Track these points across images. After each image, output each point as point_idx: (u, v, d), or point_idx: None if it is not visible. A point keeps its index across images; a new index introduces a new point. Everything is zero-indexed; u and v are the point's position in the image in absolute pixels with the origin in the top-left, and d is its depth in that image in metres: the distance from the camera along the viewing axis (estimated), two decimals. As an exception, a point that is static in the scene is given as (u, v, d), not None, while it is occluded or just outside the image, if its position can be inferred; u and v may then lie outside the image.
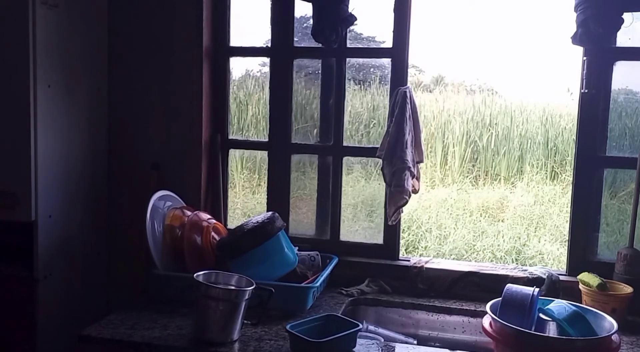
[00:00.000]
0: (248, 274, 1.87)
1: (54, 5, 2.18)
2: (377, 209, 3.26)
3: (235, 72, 6.24)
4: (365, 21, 2.44)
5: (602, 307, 1.92)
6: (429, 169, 7.11)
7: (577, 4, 2.12)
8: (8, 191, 2.15)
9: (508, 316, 1.72)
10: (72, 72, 2.34)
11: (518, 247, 5.61)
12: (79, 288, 2.44)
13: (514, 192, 6.85)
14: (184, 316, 1.94)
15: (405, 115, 2.26)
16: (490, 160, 7.30)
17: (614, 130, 2.32)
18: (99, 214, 2.56)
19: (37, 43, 2.11)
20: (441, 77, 8.81)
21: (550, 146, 7.18)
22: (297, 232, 2.57)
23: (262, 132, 5.67)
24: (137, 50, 2.54)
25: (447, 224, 6.01)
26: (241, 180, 6.06)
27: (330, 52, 2.44)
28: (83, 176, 2.44)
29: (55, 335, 2.29)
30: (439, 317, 2.21)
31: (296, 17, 2.50)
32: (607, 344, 1.67)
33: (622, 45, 2.23)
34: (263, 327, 1.87)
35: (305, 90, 2.82)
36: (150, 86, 2.54)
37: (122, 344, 1.78)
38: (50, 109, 2.21)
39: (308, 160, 2.67)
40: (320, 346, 1.63)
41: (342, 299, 2.21)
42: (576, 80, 2.26)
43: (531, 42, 9.78)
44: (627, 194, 2.37)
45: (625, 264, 2.12)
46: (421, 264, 2.37)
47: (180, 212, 2.26)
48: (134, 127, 2.57)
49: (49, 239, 2.24)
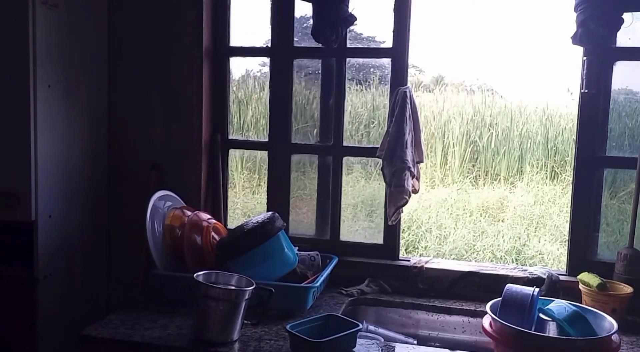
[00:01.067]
0: (248, 274, 1.87)
1: (54, 5, 2.18)
2: (377, 209, 3.27)
3: (235, 72, 6.25)
4: (365, 21, 2.44)
5: (602, 307, 1.92)
6: (429, 169, 7.11)
7: (577, 4, 2.12)
8: (8, 191, 2.15)
9: (508, 316, 1.72)
10: (72, 72, 2.33)
11: (518, 247, 5.61)
12: (79, 288, 2.44)
13: (514, 192, 6.85)
14: (184, 316, 1.94)
15: (405, 115, 2.27)
16: (490, 160, 7.30)
17: (614, 130, 2.31)
18: (99, 214, 2.56)
19: (37, 43, 2.11)
20: (441, 77, 8.81)
21: (550, 146, 7.18)
22: (297, 232, 2.57)
23: (262, 132, 5.68)
24: (137, 50, 2.54)
25: (447, 224, 6.01)
26: (241, 180, 6.06)
27: (330, 52, 2.44)
28: (83, 176, 2.44)
29: (55, 335, 2.29)
30: (439, 317, 2.21)
31: (296, 17, 2.50)
32: (607, 344, 1.67)
33: (622, 45, 2.23)
34: (263, 327, 1.87)
35: (305, 90, 2.82)
36: (150, 86, 2.54)
37: (122, 344, 1.78)
38: (50, 109, 2.21)
39: (308, 160, 2.67)
40: (320, 346, 1.63)
41: (342, 299, 2.21)
42: (576, 80, 2.26)
43: (531, 42, 9.79)
44: (627, 194, 2.37)
45: (625, 264, 2.12)
46: (421, 264, 2.37)
47: (180, 212, 2.26)
48: (134, 127, 2.57)
49: (49, 239, 2.24)
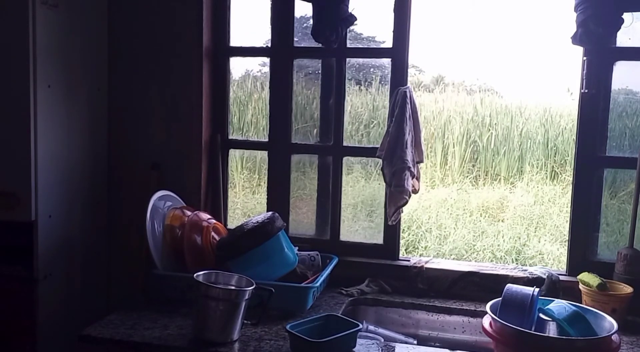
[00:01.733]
0: (248, 274, 1.87)
1: (54, 5, 2.18)
2: (377, 209, 3.27)
3: (235, 72, 6.25)
4: (365, 21, 2.44)
5: (602, 307, 1.92)
6: (429, 169, 7.11)
7: (577, 4, 2.12)
8: (8, 191, 2.15)
9: (508, 316, 1.72)
10: (72, 72, 2.33)
11: (518, 247, 5.61)
12: (79, 288, 2.44)
13: (514, 192, 6.85)
14: (184, 316, 1.94)
15: (405, 115, 2.27)
16: (490, 160, 7.30)
17: (614, 130, 2.31)
18: (99, 214, 2.56)
19: (37, 43, 2.11)
20: (441, 77, 8.81)
21: (550, 146, 7.18)
22: (297, 232, 2.57)
23: (262, 132, 5.67)
24: (137, 50, 2.54)
25: (447, 224, 6.01)
26: (241, 180, 6.06)
27: (330, 52, 2.44)
28: (83, 176, 2.44)
29: (55, 335, 2.29)
30: (439, 317, 2.21)
31: (296, 17, 2.50)
32: (607, 344, 1.67)
33: (622, 45, 2.23)
34: (263, 327, 1.87)
35: (305, 90, 2.82)
36: (150, 86, 2.54)
37: (122, 344, 1.78)
38: (50, 109, 2.21)
39: (308, 160, 2.67)
40: (320, 346, 1.63)
41: (342, 299, 2.21)
42: (576, 80, 2.26)
43: (531, 42, 9.79)
44: (627, 194, 2.37)
45: (625, 264, 2.12)
46: (421, 264, 2.37)
47: (180, 212, 2.26)
48: (134, 127, 2.57)
49: (49, 239, 2.24)
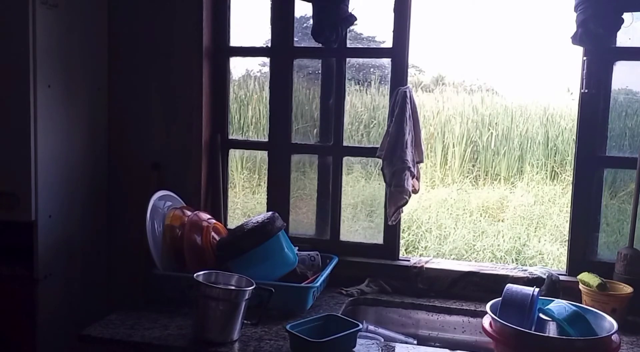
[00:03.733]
0: (248, 274, 1.87)
1: (54, 5, 2.18)
2: (377, 209, 3.27)
3: (235, 72, 6.24)
4: (365, 21, 2.44)
5: (602, 307, 1.92)
6: (429, 169, 7.11)
7: (577, 4, 2.12)
8: (8, 191, 2.15)
9: (508, 316, 1.72)
10: (72, 72, 2.33)
11: (518, 247, 5.61)
12: (79, 288, 2.44)
13: (514, 192, 6.85)
14: (184, 316, 1.94)
15: (405, 115, 2.27)
16: (490, 160, 7.30)
17: (614, 130, 2.31)
18: (99, 214, 2.56)
19: (37, 43, 2.11)
20: (441, 77, 8.80)
21: (550, 146, 7.18)
22: (297, 232, 2.57)
23: (262, 132, 5.67)
24: (137, 51, 2.54)
25: (447, 224, 6.00)
26: (241, 180, 6.06)
27: (330, 52, 2.44)
28: (83, 176, 2.44)
29: (55, 335, 2.29)
30: (439, 317, 2.21)
31: (296, 17, 2.50)
32: (607, 344, 1.67)
33: (622, 45, 2.23)
34: (263, 327, 1.87)
35: (306, 90, 2.82)
36: (150, 86, 2.54)
37: (122, 344, 1.79)
38: (50, 109, 2.21)
39: (308, 160, 2.67)
40: (320, 346, 1.63)
41: (342, 299, 2.21)
42: (576, 80, 2.26)
43: (531, 42, 9.78)
44: (627, 194, 2.37)
45: (625, 264, 2.12)
46: (421, 264, 2.37)
47: (180, 212, 2.26)
48: (134, 127, 2.57)
49: (49, 239, 2.24)
